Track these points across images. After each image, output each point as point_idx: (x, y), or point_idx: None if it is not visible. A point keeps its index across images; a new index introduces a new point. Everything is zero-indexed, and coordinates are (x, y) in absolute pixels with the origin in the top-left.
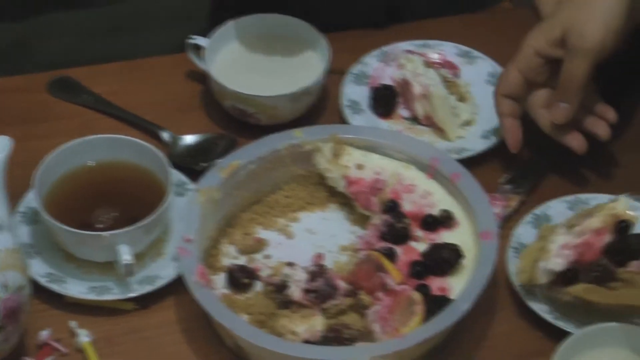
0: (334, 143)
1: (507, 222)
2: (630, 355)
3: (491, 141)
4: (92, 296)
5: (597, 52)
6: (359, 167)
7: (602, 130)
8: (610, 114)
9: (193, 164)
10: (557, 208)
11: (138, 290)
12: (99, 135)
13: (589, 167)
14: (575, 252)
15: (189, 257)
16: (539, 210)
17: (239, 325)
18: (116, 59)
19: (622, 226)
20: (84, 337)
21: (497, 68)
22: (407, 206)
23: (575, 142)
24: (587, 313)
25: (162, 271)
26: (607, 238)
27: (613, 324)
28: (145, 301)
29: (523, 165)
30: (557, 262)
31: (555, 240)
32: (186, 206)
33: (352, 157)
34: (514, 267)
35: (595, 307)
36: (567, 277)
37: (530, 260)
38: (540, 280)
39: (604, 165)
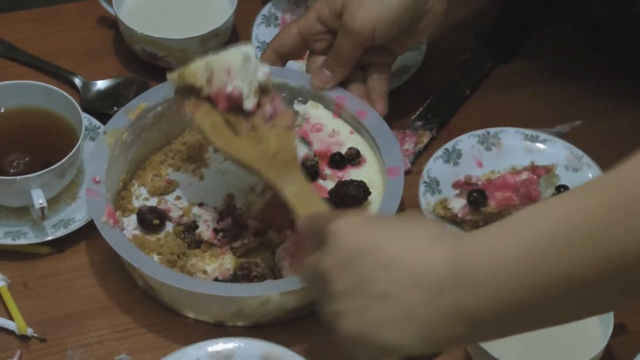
0: None
1: (419, 158)
2: None
3: (402, 79)
4: (7, 241)
5: (365, 39)
6: None
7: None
8: (379, 107)
9: (106, 108)
10: (467, 142)
11: (53, 233)
12: (8, 82)
13: (498, 102)
14: None
15: (98, 198)
16: (449, 145)
17: (146, 263)
18: (27, 6)
19: None
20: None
21: None
22: (315, 145)
23: None
24: None
25: (77, 214)
26: None
27: None
28: (61, 245)
29: (434, 102)
30: None
31: None
32: (94, 148)
33: None
34: (426, 201)
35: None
36: None
37: None
38: None
39: (512, 100)
